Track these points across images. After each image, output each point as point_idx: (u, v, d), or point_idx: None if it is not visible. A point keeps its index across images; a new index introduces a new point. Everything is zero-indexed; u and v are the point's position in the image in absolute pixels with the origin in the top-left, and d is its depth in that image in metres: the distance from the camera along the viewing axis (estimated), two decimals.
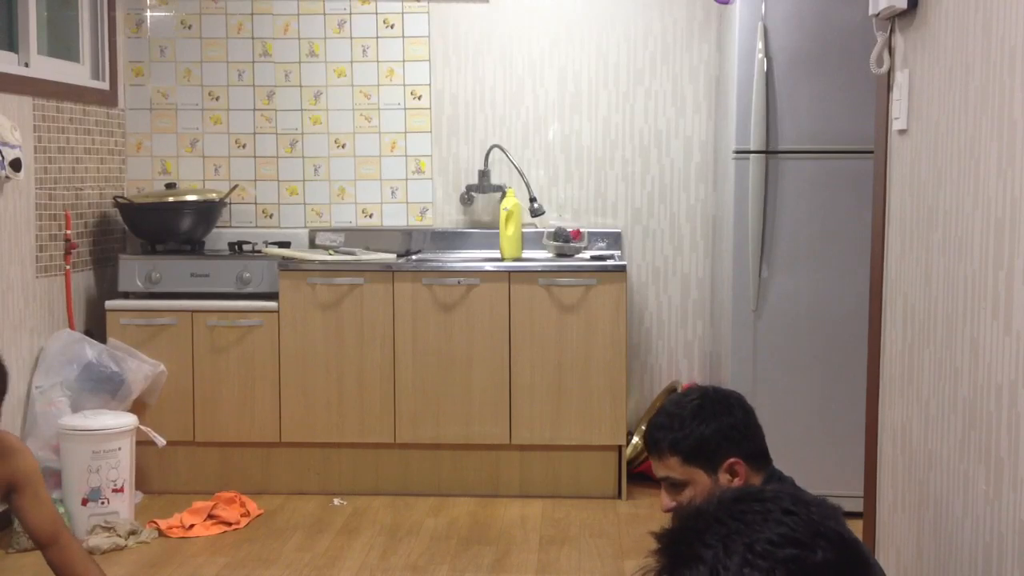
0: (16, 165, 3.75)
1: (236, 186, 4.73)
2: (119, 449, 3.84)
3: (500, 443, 4.26)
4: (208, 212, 4.50)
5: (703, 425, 2.22)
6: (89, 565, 2.67)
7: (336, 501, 4.24)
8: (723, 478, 2.20)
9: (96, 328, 4.37)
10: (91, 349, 4.05)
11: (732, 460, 2.19)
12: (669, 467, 2.25)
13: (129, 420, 3.91)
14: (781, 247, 4.01)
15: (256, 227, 4.80)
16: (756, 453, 2.24)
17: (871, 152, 2.98)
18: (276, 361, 4.26)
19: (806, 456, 4.01)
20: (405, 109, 4.75)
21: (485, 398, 4.24)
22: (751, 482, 2.20)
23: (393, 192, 4.78)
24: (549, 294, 4.20)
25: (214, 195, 4.54)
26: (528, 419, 4.23)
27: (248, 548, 3.75)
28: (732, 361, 4.06)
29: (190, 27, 4.77)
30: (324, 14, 4.74)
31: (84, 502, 3.78)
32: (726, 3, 4.18)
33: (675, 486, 2.25)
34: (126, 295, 4.35)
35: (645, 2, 4.67)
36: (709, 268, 4.68)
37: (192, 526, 3.89)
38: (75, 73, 4.44)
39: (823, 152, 3.97)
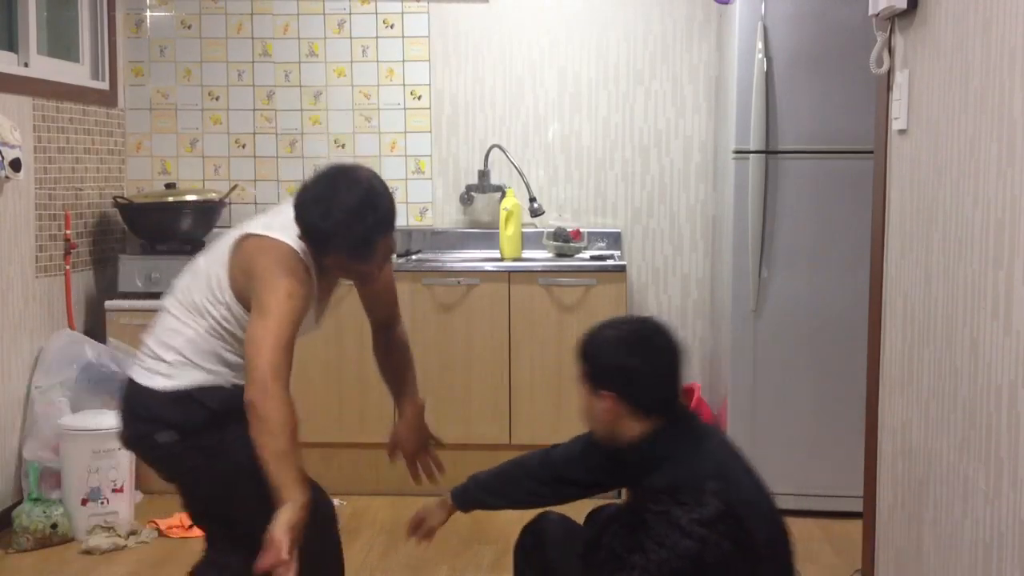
0: (16, 165, 3.75)
1: (236, 186, 4.73)
2: (119, 449, 3.83)
3: (500, 443, 4.25)
4: (208, 212, 4.50)
5: (609, 352, 2.28)
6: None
7: (336, 501, 4.24)
8: (598, 404, 2.27)
9: (96, 328, 4.37)
10: (91, 349, 4.05)
11: (607, 393, 2.25)
12: (578, 369, 2.34)
13: None
14: (781, 247, 4.01)
15: None
16: (647, 403, 2.26)
17: (871, 152, 2.98)
18: None
19: (806, 456, 4.01)
20: (405, 109, 4.75)
21: (485, 398, 4.24)
22: (626, 423, 2.25)
23: (393, 192, 4.77)
24: (549, 294, 4.19)
25: (214, 195, 4.54)
26: (528, 419, 4.23)
27: None
28: (732, 361, 4.05)
29: (190, 27, 4.76)
30: (324, 14, 4.73)
31: (84, 502, 3.78)
32: (726, 3, 4.18)
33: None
34: (126, 295, 4.35)
35: (645, 2, 4.67)
36: (709, 268, 4.68)
37: (192, 526, 3.88)
38: (75, 73, 4.44)
39: (823, 152, 3.97)
